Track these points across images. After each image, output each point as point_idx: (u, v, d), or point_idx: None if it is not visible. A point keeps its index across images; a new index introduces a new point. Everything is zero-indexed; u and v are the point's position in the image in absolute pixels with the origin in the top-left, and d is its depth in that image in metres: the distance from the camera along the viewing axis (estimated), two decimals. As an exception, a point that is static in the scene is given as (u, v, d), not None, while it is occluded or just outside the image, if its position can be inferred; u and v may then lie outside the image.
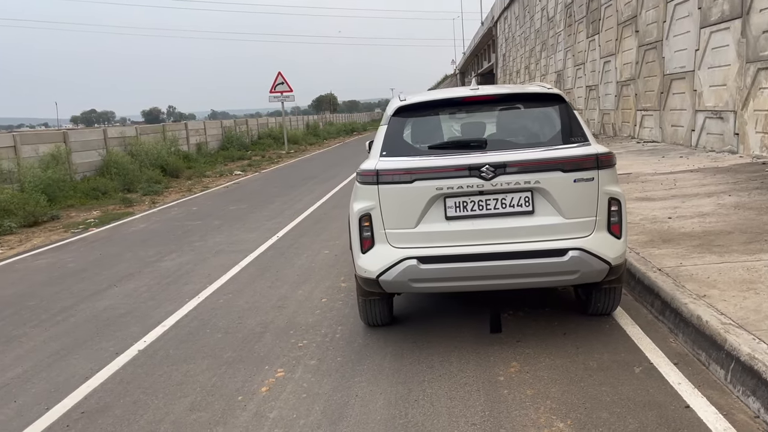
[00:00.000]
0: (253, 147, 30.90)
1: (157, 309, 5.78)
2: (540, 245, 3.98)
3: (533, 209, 4.01)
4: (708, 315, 3.87)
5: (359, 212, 4.18)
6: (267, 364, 4.29)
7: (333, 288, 6.03)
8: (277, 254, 7.73)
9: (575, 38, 24.51)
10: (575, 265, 3.96)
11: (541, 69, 32.33)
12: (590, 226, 4.03)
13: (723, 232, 5.97)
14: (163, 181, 17.39)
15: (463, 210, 4.04)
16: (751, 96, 11.22)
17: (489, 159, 3.97)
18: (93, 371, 4.40)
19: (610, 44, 19.76)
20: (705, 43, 12.93)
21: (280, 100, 30.16)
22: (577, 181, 3.98)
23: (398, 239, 4.11)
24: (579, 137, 4.16)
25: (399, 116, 4.35)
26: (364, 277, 4.23)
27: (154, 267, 7.51)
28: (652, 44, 15.98)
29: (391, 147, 4.23)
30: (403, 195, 4.06)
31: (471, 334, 4.51)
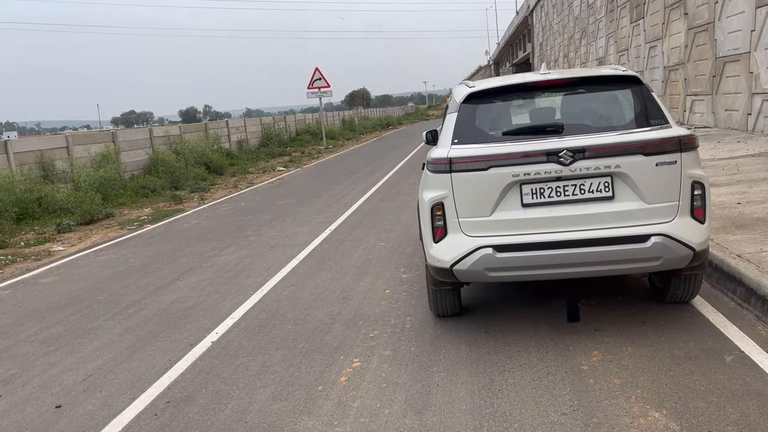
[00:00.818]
0: (291, 143, 31.11)
1: (224, 302, 5.84)
2: (621, 231, 3.88)
3: (613, 195, 3.91)
4: (801, 301, 3.72)
5: (431, 201, 4.13)
6: (342, 355, 4.29)
7: (394, 279, 6.01)
8: (333, 247, 7.74)
9: (618, 24, 23.96)
10: (658, 251, 3.85)
11: (581, 57, 31.75)
12: (673, 211, 3.91)
13: (799, 216, 5.75)
14: (209, 178, 17.63)
15: (540, 197, 3.96)
16: (813, 77, 10.78)
17: (567, 144, 3.88)
18: (171, 362, 4.47)
19: (656, 28, 19.25)
20: (762, 23, 12.47)
21: (318, 96, 30.24)
22: (659, 164, 3.86)
23: (473, 228, 4.05)
24: (659, 119, 4.03)
25: (469, 103, 4.28)
26: (437, 266, 4.19)
27: (214, 261, 7.60)
28: (703, 26, 15.51)
29: (462, 134, 4.16)
30: (478, 183, 3.99)
31: (546, 323, 4.43)
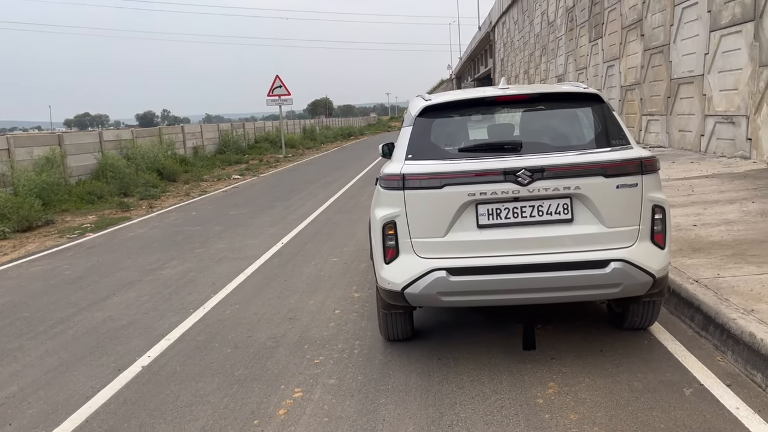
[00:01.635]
0: (250, 151, 30.58)
1: (161, 320, 5.46)
2: (580, 256, 3.69)
3: (572, 217, 3.72)
4: (762, 332, 3.59)
5: (383, 219, 3.88)
6: (282, 383, 3.98)
7: (346, 299, 5.72)
8: (284, 262, 7.41)
9: (577, 42, 24.31)
10: (618, 277, 3.67)
11: (541, 74, 32.15)
12: (633, 236, 3.74)
13: (755, 240, 5.70)
14: (160, 185, 17.05)
15: (496, 218, 3.75)
16: (764, 100, 10.98)
17: (525, 163, 3.68)
18: (94, 390, 4.08)
19: (613, 48, 19.55)
20: (715, 46, 12.70)
21: (278, 104, 29.84)
22: (620, 187, 3.69)
23: (426, 249, 3.81)
24: (620, 139, 3.88)
25: (425, 117, 4.06)
26: (388, 289, 3.93)
27: (155, 275, 7.18)
28: (659, 48, 15.76)
29: (417, 149, 3.93)
30: (432, 201, 3.76)
31: (500, 350, 4.21)
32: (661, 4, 15.45)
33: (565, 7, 26.00)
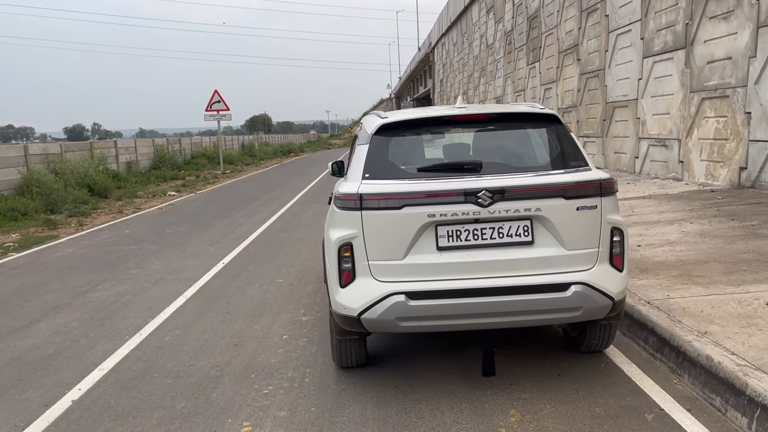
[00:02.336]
0: (186, 167, 29.73)
1: (93, 348, 5.07)
2: (541, 279, 3.62)
3: (533, 239, 3.65)
4: (719, 355, 3.59)
5: (339, 241, 3.70)
6: (229, 417, 3.71)
7: (293, 323, 5.48)
8: (225, 283, 7.09)
9: (515, 65, 24.91)
10: (578, 301, 3.62)
11: (480, 95, 32.78)
12: (593, 258, 3.70)
13: (699, 261, 5.82)
14: (91, 201, 16.25)
15: (456, 240, 3.63)
16: (695, 125, 11.44)
17: (486, 183, 3.59)
18: (18, 428, 3.69)
19: (551, 72, 20.10)
20: (648, 72, 13.20)
21: (216, 119, 29.18)
22: (580, 209, 3.65)
23: (384, 272, 3.65)
24: (579, 161, 3.85)
25: (381, 135, 3.92)
26: (343, 314, 3.75)
27: (86, 298, 6.72)
28: (594, 72, 16.28)
29: (374, 168, 3.78)
30: (391, 222, 3.61)
31: (458, 376, 4.08)
32: (596, 30, 15.99)
33: (504, 30, 26.64)
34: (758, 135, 9.59)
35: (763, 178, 9.52)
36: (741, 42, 9.90)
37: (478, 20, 32.63)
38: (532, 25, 22.18)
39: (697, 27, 11.19)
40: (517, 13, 24.19)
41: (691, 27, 11.37)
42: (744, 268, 5.45)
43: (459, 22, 38.75)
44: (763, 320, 4.13)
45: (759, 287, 4.84)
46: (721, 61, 10.52)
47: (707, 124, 11.06)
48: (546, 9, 20.31)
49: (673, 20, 12.03)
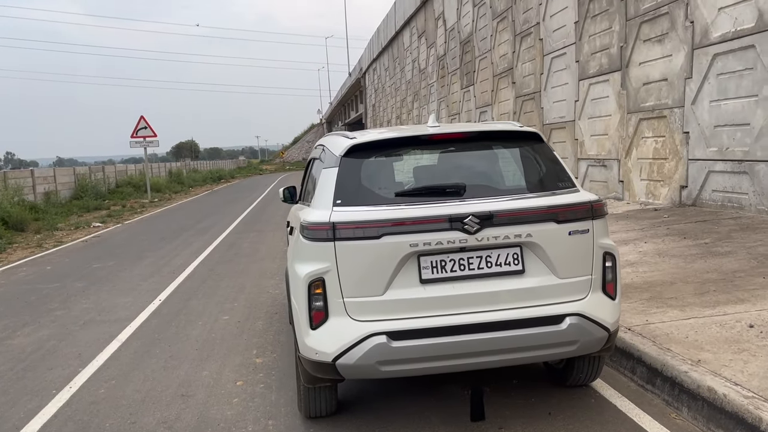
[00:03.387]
0: (111, 196, 28.30)
1: (13, 408, 4.38)
2: (533, 311, 3.30)
3: (523, 268, 3.33)
4: (722, 387, 3.36)
5: (309, 277, 3.26)
6: (184, 487, 3.17)
7: (247, 366, 4.95)
8: (164, 323, 6.45)
9: (449, 89, 25.11)
10: (574, 333, 3.31)
11: (413, 119, 32.92)
12: (586, 287, 3.41)
13: (665, 282, 5.68)
14: (6, 235, 14.98)
15: (441, 271, 3.27)
16: (634, 145, 11.64)
17: (473, 208, 3.25)
18: None
19: (486, 95, 20.30)
20: (584, 94, 13.42)
21: (143, 146, 28.01)
22: (572, 233, 3.37)
23: (361, 310, 3.24)
24: (566, 181, 3.59)
25: (351, 157, 3.53)
26: (315, 360, 3.30)
27: (4, 346, 5.94)
28: (530, 95, 16.50)
29: (346, 194, 3.38)
30: (369, 253, 3.21)
31: (439, 420, 3.70)
32: (531, 53, 16.23)
33: (437, 55, 26.89)
34: (697, 154, 9.78)
35: (703, 196, 9.69)
36: (676, 63, 10.13)
37: (409, 45, 32.91)
38: (465, 50, 22.43)
39: (631, 50, 11.43)
40: (450, 38, 24.47)
41: (626, 50, 11.61)
42: (713, 288, 5.34)
43: (390, 47, 39.03)
44: (753, 344, 3.96)
45: (735, 308, 4.71)
46: (657, 82, 10.75)
47: (646, 144, 11.26)
48: (479, 33, 20.58)
49: (608, 43, 12.28)
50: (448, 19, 24.45)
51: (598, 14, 12.57)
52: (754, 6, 8.36)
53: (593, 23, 12.78)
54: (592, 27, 12.87)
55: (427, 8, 27.99)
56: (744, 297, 4.98)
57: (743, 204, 8.83)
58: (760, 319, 4.40)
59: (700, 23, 9.48)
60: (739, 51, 8.71)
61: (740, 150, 8.82)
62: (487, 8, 19.40)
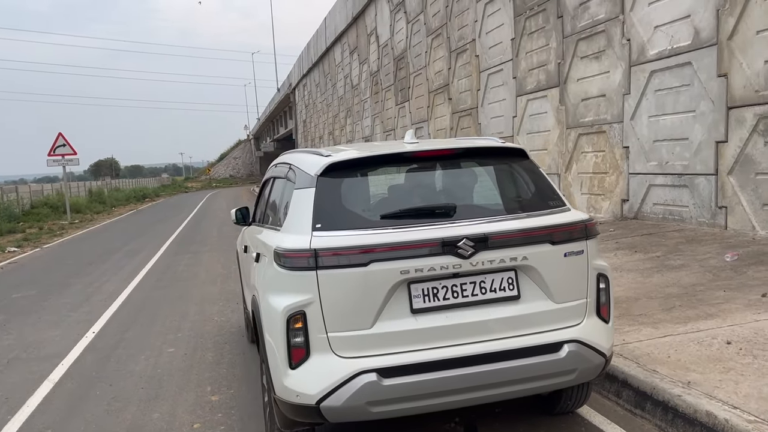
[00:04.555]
0: (26, 218, 26.54)
1: (-70, 471, 3.78)
2: (530, 340, 3.09)
3: (519, 293, 3.12)
4: (722, 411, 3.24)
5: (287, 311, 2.93)
6: None
7: (202, 405, 4.51)
8: (102, 359, 5.88)
9: (383, 105, 25.07)
10: (573, 362, 3.13)
11: (347, 135, 32.72)
12: (582, 311, 3.24)
13: (630, 298, 5.64)
14: None
15: (433, 299, 3.01)
16: (574, 159, 11.82)
17: (466, 230, 3.02)
18: None
19: (421, 111, 20.34)
20: (522, 110, 13.58)
21: (61, 164, 26.44)
22: (567, 255, 3.19)
23: (348, 345, 2.93)
24: (556, 200, 3.41)
25: (329, 176, 3.22)
26: (296, 403, 2.96)
27: None
28: (467, 111, 16.60)
29: (326, 217, 3.07)
30: (355, 283, 2.92)
31: (428, 461, 3.41)
32: (467, 70, 16.36)
33: (369, 71, 26.84)
34: (637, 168, 9.99)
35: (645, 209, 9.89)
36: (614, 80, 10.36)
37: (341, 61, 32.76)
38: (399, 66, 22.46)
39: (569, 66, 11.64)
40: (383, 54, 24.47)
41: (564, 66, 11.82)
42: (678, 303, 5.32)
43: (321, 62, 38.78)
44: (737, 363, 3.90)
45: (707, 324, 4.68)
46: (595, 98, 10.96)
47: (586, 158, 11.45)
48: (413, 50, 20.64)
49: (545, 60, 12.47)
50: (381, 35, 24.47)
51: (534, 31, 12.77)
52: (690, 24, 8.63)
53: (530, 40, 12.98)
54: (528, 44, 13.06)
55: (359, 24, 27.96)
56: (711, 312, 4.97)
57: (684, 217, 9.05)
58: (735, 335, 4.36)
59: (637, 41, 9.72)
60: (676, 68, 8.97)
61: (680, 164, 9.05)
62: (422, 25, 19.50)
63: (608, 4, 10.34)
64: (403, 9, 21.30)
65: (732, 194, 8.13)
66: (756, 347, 4.10)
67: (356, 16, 27.69)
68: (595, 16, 10.74)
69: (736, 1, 7.82)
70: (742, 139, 7.90)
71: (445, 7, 17.38)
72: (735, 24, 7.87)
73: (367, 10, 26.10)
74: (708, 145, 8.48)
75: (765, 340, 4.23)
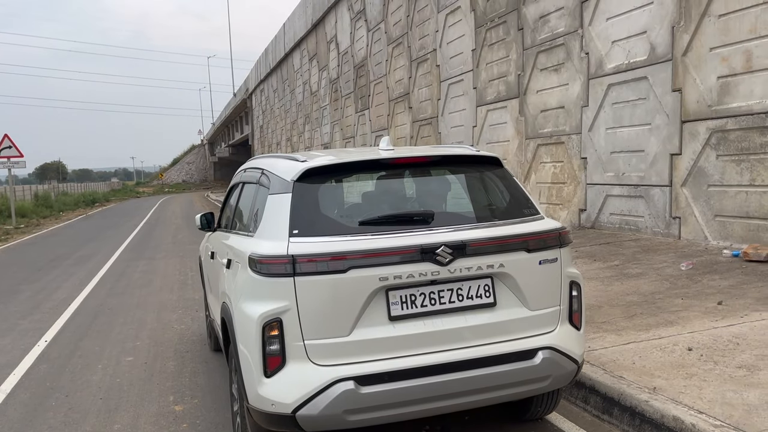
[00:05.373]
0: (-34, 222, 25.48)
1: None
2: (506, 346, 3.11)
3: (495, 300, 3.14)
4: (688, 416, 3.32)
5: (263, 318, 2.88)
6: None
7: (165, 415, 4.38)
8: (57, 368, 5.65)
9: (343, 112, 25.06)
10: (547, 368, 3.16)
11: (305, 141, 32.55)
12: (555, 318, 3.28)
13: (593, 306, 5.75)
14: None
15: (411, 306, 3.00)
16: (532, 169, 12.03)
17: (445, 237, 3.02)
18: None
19: (381, 119, 20.40)
20: (482, 120, 13.77)
21: (7, 167, 25.54)
22: (542, 262, 3.23)
23: (324, 353, 2.89)
24: (531, 208, 3.46)
25: (306, 182, 3.19)
26: (270, 412, 2.90)
27: None
28: (427, 120, 16.73)
29: (304, 223, 3.03)
30: (334, 290, 2.88)
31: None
32: (428, 79, 16.50)
33: (329, 78, 26.80)
34: (595, 179, 10.24)
35: (602, 219, 10.13)
36: (573, 92, 10.60)
37: (300, 67, 32.63)
38: (359, 74, 22.50)
39: (529, 78, 11.87)
40: (343, 62, 24.47)
41: (524, 78, 12.04)
42: (639, 311, 5.46)
43: (279, 68, 38.54)
44: (699, 369, 4.00)
45: (668, 331, 4.81)
46: (554, 109, 11.20)
47: (544, 168, 11.67)
48: (374, 58, 20.72)
49: (505, 71, 12.69)
50: (341, 43, 24.48)
51: (495, 43, 12.98)
52: (646, 40, 8.91)
53: (491, 51, 13.18)
54: (489, 55, 13.26)
55: (318, 31, 27.91)
56: (671, 319, 5.10)
57: (640, 226, 9.31)
58: (695, 342, 4.49)
59: (595, 55, 9.98)
60: (633, 82, 9.24)
61: (636, 175, 9.31)
62: (382, 33, 19.59)
63: (568, 18, 10.59)
64: (363, 17, 21.37)
65: (685, 205, 8.41)
66: (716, 353, 4.23)
67: (316, 23, 27.65)
68: (554, 30, 10.98)
69: (691, 19, 8.11)
70: (696, 152, 8.18)
71: (407, 17, 17.51)
72: (689, 41, 8.16)
73: (327, 17, 26.09)
74: (663, 158, 8.75)
75: (724, 346, 4.36)
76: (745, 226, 7.55)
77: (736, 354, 4.20)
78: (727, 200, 7.78)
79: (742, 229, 7.58)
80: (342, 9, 23.93)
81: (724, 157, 7.79)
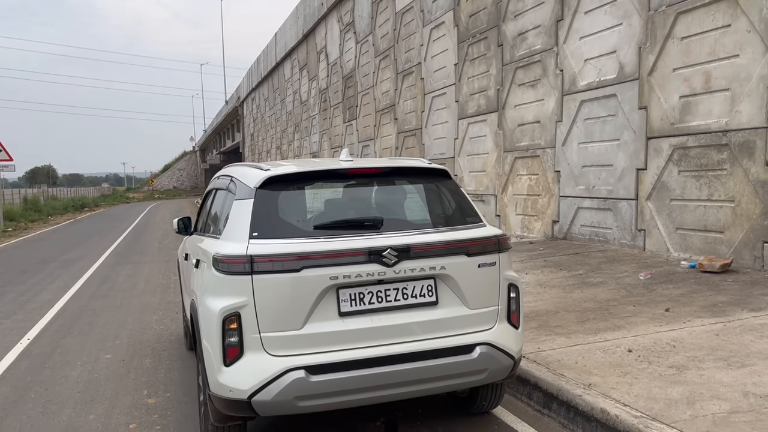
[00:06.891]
0: (-46, 224, 25.54)
1: None
2: (447, 342, 3.42)
3: (437, 300, 3.45)
4: (613, 408, 3.64)
5: (223, 312, 3.17)
6: None
7: (138, 407, 4.65)
8: (37, 365, 5.91)
9: (331, 122, 25.41)
10: (484, 362, 3.47)
11: (294, 150, 32.87)
12: (493, 317, 3.59)
13: (549, 311, 6.07)
14: None
15: (359, 303, 3.31)
16: (510, 182, 12.39)
17: (391, 241, 3.33)
18: None
19: (368, 129, 20.76)
20: (464, 132, 14.13)
21: (-4, 170, 25.66)
22: (481, 266, 3.54)
23: (279, 345, 3.19)
24: (474, 216, 3.77)
25: (267, 189, 3.50)
26: (228, 398, 3.19)
27: None
28: (412, 131, 17.09)
29: (263, 226, 3.34)
30: (288, 287, 3.19)
31: (352, 456, 3.67)
32: (413, 92, 16.88)
33: (318, 88, 27.16)
34: (567, 191, 10.60)
35: (573, 230, 10.48)
36: (548, 107, 10.98)
37: (290, 77, 33.00)
38: (347, 84, 22.87)
39: (507, 93, 12.25)
40: (332, 72, 24.85)
41: (503, 92, 12.42)
42: (592, 316, 5.78)
43: (270, 77, 38.90)
44: (634, 368, 4.33)
45: (613, 335, 5.13)
46: (531, 124, 11.57)
47: (521, 181, 12.03)
48: (362, 69, 21.09)
49: (486, 86, 13.07)
50: (331, 54, 24.87)
51: (476, 58, 13.37)
52: (615, 59, 9.30)
53: (472, 66, 13.57)
54: (471, 69, 13.65)
55: (309, 42, 28.31)
56: (620, 324, 5.43)
57: (608, 238, 9.66)
58: (636, 344, 4.82)
59: (569, 72, 10.37)
60: (603, 99, 9.63)
61: (605, 188, 9.68)
62: (370, 45, 19.98)
63: (544, 36, 10.99)
64: (352, 29, 21.77)
65: (650, 218, 8.77)
66: (652, 354, 4.56)
67: (307, 33, 28.04)
68: (532, 47, 11.38)
69: (656, 40, 8.51)
70: (659, 167, 8.55)
71: (393, 30, 17.91)
72: (654, 61, 8.55)
73: (318, 28, 26.49)
74: (630, 172, 9.12)
75: (661, 348, 4.69)
76: (703, 239, 7.91)
77: (670, 355, 4.52)
78: (687, 214, 8.15)
79: (701, 241, 7.95)
80: (332, 21, 24.34)
81: (685, 172, 8.17)
